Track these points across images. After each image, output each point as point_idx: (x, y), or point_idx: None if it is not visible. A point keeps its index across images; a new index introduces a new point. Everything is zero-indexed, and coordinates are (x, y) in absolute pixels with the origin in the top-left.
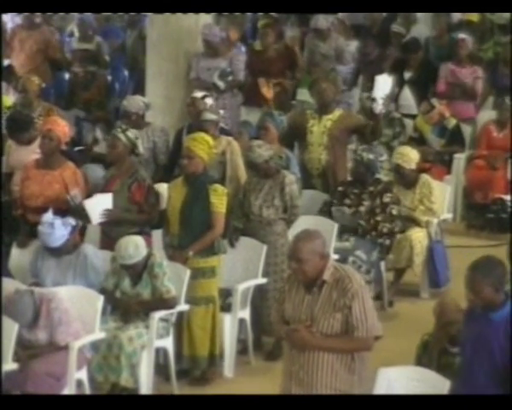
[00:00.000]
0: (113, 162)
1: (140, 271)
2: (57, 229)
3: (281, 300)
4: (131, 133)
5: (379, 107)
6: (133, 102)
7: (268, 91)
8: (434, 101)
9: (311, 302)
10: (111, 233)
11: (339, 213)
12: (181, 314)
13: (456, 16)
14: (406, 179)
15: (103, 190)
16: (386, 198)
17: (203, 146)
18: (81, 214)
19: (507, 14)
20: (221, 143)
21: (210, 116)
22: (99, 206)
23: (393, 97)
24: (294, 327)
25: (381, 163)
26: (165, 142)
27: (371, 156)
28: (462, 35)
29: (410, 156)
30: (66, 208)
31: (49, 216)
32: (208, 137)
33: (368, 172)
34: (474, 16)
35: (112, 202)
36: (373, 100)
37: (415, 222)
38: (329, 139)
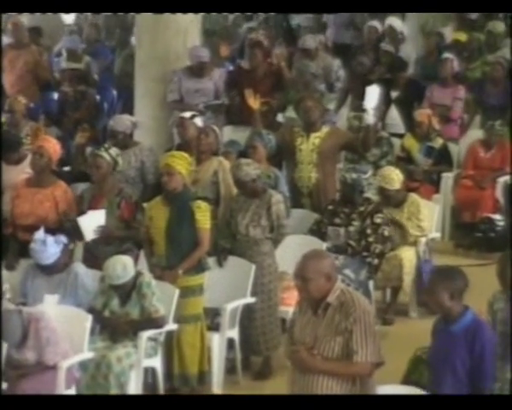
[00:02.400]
0: (98, 181)
1: (128, 290)
2: (49, 246)
3: (292, 321)
4: (113, 151)
5: (370, 117)
6: (120, 122)
7: (254, 102)
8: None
9: (316, 324)
10: (96, 251)
11: (334, 233)
12: (170, 333)
13: (445, 36)
14: (392, 200)
15: (88, 209)
16: (378, 219)
17: (182, 162)
18: (74, 233)
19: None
20: (212, 164)
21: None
22: (92, 222)
23: (381, 112)
24: (296, 348)
25: (366, 180)
26: (154, 162)
27: (354, 176)
28: (447, 54)
29: (392, 177)
30: (56, 227)
31: (40, 234)
32: (186, 155)
33: (355, 191)
34: (462, 36)
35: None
36: (364, 110)
37: (404, 231)
38: (319, 157)
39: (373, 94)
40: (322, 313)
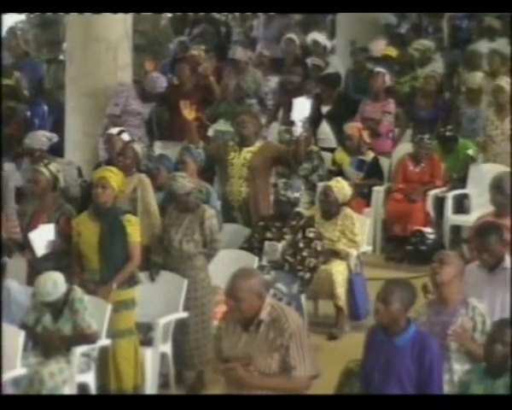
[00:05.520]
0: (37, 197)
1: (60, 306)
2: None
3: (218, 337)
4: (53, 167)
5: (298, 129)
6: (35, 139)
7: (190, 113)
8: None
9: (248, 341)
10: (38, 268)
11: (271, 249)
12: (105, 349)
13: (374, 51)
14: (328, 207)
15: (29, 225)
16: (310, 233)
17: (117, 178)
18: (6, 249)
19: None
20: (132, 180)
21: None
22: (43, 237)
23: (311, 125)
24: (231, 365)
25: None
26: (73, 175)
27: (296, 194)
28: (378, 68)
29: (344, 187)
30: None
31: None
32: (122, 174)
33: (291, 209)
34: (393, 51)
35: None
36: (292, 123)
37: (337, 255)
38: (249, 171)
39: (300, 106)
40: (254, 329)
